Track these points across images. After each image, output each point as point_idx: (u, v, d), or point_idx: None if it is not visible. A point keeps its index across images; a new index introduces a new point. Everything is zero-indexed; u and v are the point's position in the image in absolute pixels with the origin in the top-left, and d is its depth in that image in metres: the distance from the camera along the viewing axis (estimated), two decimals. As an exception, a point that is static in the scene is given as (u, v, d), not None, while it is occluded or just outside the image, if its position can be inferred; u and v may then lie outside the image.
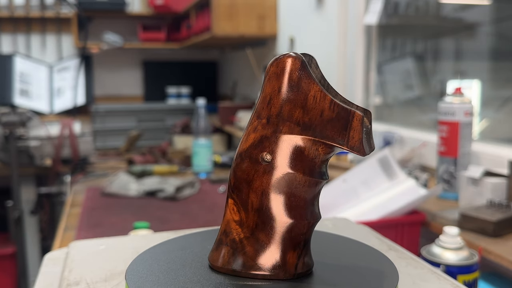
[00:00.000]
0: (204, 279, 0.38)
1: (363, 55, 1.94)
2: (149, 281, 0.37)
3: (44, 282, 0.46)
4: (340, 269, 0.40)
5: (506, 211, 0.94)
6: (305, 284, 0.38)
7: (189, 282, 0.37)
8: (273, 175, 0.37)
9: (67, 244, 0.56)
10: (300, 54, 0.37)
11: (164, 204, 1.43)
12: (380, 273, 0.40)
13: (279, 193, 0.37)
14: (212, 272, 0.39)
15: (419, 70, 1.80)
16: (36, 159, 2.00)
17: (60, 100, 2.82)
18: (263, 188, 0.37)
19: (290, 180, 0.37)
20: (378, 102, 1.97)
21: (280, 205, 0.37)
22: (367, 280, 0.39)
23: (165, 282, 0.37)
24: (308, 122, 0.36)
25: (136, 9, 3.31)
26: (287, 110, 0.37)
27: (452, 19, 1.67)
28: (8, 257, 2.18)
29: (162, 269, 0.39)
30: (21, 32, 3.17)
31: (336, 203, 1.11)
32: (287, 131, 0.37)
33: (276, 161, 0.37)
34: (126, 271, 0.39)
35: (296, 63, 0.37)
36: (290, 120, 0.37)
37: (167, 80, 3.50)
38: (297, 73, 0.37)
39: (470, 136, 1.19)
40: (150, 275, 0.38)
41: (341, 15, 1.99)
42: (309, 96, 0.36)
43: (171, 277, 0.38)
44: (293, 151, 0.37)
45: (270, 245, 0.38)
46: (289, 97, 0.37)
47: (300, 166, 0.37)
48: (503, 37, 1.44)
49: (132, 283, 0.37)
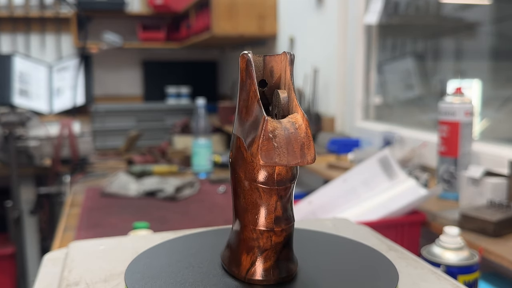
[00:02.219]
0: (204, 280, 0.38)
1: (363, 55, 1.94)
2: (148, 282, 0.37)
3: (44, 282, 0.46)
4: (339, 270, 0.40)
5: (506, 211, 0.94)
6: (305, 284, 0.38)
7: (188, 282, 0.37)
8: (232, 175, 0.37)
9: (66, 245, 0.56)
10: (246, 52, 0.36)
11: (164, 204, 1.42)
12: (380, 273, 0.40)
13: (235, 193, 0.38)
14: (211, 272, 0.39)
15: (419, 70, 1.80)
16: (36, 159, 2.00)
17: (60, 100, 2.82)
18: (232, 185, 0.38)
19: (238, 181, 0.36)
20: (378, 102, 1.97)
21: (234, 204, 0.38)
22: (366, 280, 0.38)
23: (164, 283, 0.37)
24: (245, 122, 0.36)
25: (135, 9, 3.31)
26: (239, 108, 0.37)
27: (452, 18, 1.67)
28: (7, 257, 2.18)
29: (161, 270, 0.39)
30: (20, 32, 3.16)
31: (336, 203, 1.11)
32: (237, 130, 0.37)
33: (233, 162, 0.37)
34: (125, 272, 0.39)
35: (243, 62, 0.36)
36: (238, 118, 0.37)
37: (166, 80, 3.50)
38: (244, 72, 0.36)
39: (470, 136, 1.18)
40: (149, 276, 0.38)
41: (341, 15, 1.98)
42: (249, 95, 0.35)
43: (170, 277, 0.38)
44: (238, 151, 0.36)
45: (233, 244, 0.39)
46: (241, 95, 0.37)
47: (243, 168, 0.36)
48: (503, 36, 1.44)
49: (131, 284, 0.37)
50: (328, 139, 1.82)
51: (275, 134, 0.32)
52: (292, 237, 0.38)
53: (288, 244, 0.37)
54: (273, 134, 0.32)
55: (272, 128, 0.32)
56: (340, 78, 2.02)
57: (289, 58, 0.36)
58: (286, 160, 0.31)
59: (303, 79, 2.22)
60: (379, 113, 1.95)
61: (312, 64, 2.14)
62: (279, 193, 0.35)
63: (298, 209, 1.13)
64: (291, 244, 0.38)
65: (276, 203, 0.36)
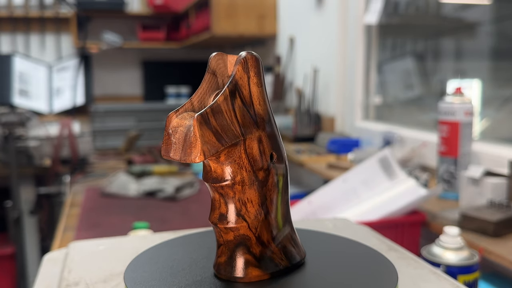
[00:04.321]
0: (203, 280, 0.38)
1: (363, 55, 1.94)
2: (147, 282, 0.37)
3: (44, 283, 0.46)
4: (339, 270, 0.40)
5: (506, 211, 0.94)
6: (304, 284, 0.38)
7: (188, 283, 0.37)
8: None
9: (66, 245, 0.56)
10: (215, 54, 0.37)
11: (164, 204, 1.42)
12: (380, 274, 0.40)
13: None
14: (211, 274, 0.39)
15: (419, 70, 1.80)
16: (35, 159, 2.00)
17: (60, 100, 2.81)
18: None
19: None
20: (378, 102, 1.97)
21: None
22: (366, 280, 0.38)
23: (164, 283, 0.37)
24: None
25: (135, 9, 3.31)
26: None
27: (452, 18, 1.67)
28: (7, 257, 2.18)
29: (160, 270, 0.39)
30: (20, 32, 3.16)
31: (336, 203, 1.11)
32: None
33: None
34: (125, 272, 0.39)
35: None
36: None
37: (166, 80, 3.50)
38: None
39: (470, 136, 1.18)
40: (148, 276, 0.38)
41: (341, 15, 1.98)
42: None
43: (169, 278, 0.38)
44: None
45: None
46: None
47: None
48: (503, 36, 1.44)
49: (130, 284, 0.37)
50: (328, 139, 1.82)
51: (175, 131, 0.34)
52: (250, 241, 0.37)
53: (245, 246, 0.37)
54: (173, 131, 0.34)
55: (175, 124, 0.34)
56: (340, 78, 2.02)
57: (240, 60, 0.36)
58: (179, 156, 0.33)
59: (303, 79, 2.22)
60: (379, 113, 1.95)
61: (312, 64, 2.14)
62: (218, 191, 0.36)
63: (298, 209, 1.13)
64: (250, 249, 0.37)
65: (220, 200, 0.37)
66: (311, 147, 1.88)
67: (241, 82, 0.35)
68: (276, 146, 0.38)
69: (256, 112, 0.36)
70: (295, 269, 0.39)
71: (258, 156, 0.36)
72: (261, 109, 0.36)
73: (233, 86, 0.35)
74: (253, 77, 0.36)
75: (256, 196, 0.36)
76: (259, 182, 0.36)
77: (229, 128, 0.34)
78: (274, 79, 2.41)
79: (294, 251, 0.40)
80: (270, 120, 0.37)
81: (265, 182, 0.37)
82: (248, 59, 0.35)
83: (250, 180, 0.36)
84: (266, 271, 0.37)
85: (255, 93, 0.36)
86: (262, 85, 0.36)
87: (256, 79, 0.36)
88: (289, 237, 0.40)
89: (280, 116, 2.25)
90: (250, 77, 0.36)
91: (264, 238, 0.37)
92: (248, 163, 0.36)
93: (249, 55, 0.36)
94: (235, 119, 0.35)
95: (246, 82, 0.36)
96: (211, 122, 0.33)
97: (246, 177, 0.36)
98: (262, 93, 0.36)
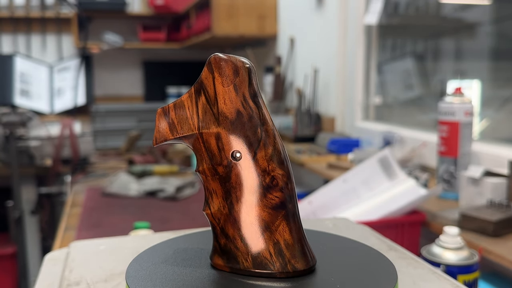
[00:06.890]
0: (204, 279, 0.38)
1: (363, 55, 1.94)
2: (149, 281, 0.37)
3: (45, 282, 0.46)
4: (339, 270, 0.40)
5: (506, 211, 0.94)
6: (304, 284, 0.38)
7: (189, 282, 0.37)
8: None
9: (67, 244, 0.56)
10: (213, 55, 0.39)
11: (165, 204, 1.43)
12: (379, 273, 0.40)
13: None
14: (212, 271, 0.39)
15: (419, 70, 1.80)
16: (37, 159, 2.00)
17: (60, 100, 2.82)
18: None
19: None
20: (378, 102, 1.97)
21: None
22: (366, 280, 0.39)
23: (165, 282, 0.37)
24: None
25: (136, 9, 3.31)
26: None
27: (452, 19, 1.67)
28: (8, 257, 2.18)
29: (162, 269, 0.40)
30: (21, 32, 3.17)
31: (336, 203, 1.11)
32: None
33: None
34: (126, 271, 0.39)
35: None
36: None
37: (167, 80, 3.50)
38: None
39: (470, 136, 1.19)
40: (150, 275, 0.38)
41: (341, 15, 1.99)
42: None
43: (171, 277, 0.38)
44: None
45: None
46: None
47: None
48: (503, 37, 1.44)
49: (132, 283, 0.37)
50: (328, 139, 1.83)
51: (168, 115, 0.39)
52: (216, 230, 0.39)
53: (214, 233, 0.39)
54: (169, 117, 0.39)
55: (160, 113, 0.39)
56: (340, 78, 2.02)
57: (207, 61, 0.38)
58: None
59: (303, 79, 2.22)
60: (379, 113, 1.95)
61: (312, 64, 2.15)
62: (200, 177, 0.40)
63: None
64: (217, 238, 0.39)
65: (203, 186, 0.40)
66: (311, 147, 1.89)
67: (206, 81, 0.38)
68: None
69: (220, 110, 0.38)
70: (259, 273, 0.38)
71: (216, 152, 0.38)
72: (225, 108, 0.38)
73: (199, 85, 0.38)
74: (218, 77, 0.38)
75: (219, 189, 0.38)
76: (220, 176, 0.38)
77: (186, 122, 0.38)
78: (275, 79, 2.41)
79: (266, 261, 0.38)
80: (240, 119, 0.37)
81: (227, 178, 0.38)
82: (212, 61, 0.38)
83: (211, 172, 0.38)
84: (227, 264, 0.39)
85: (220, 92, 0.38)
86: (229, 85, 0.38)
87: (221, 79, 0.38)
88: (266, 247, 0.38)
89: (280, 116, 2.26)
90: (215, 77, 0.38)
91: (229, 232, 0.38)
92: (207, 156, 0.38)
93: (214, 57, 0.38)
94: (196, 115, 0.38)
95: (211, 82, 0.38)
96: (170, 114, 0.38)
97: (206, 169, 0.38)
98: (228, 92, 0.38)
